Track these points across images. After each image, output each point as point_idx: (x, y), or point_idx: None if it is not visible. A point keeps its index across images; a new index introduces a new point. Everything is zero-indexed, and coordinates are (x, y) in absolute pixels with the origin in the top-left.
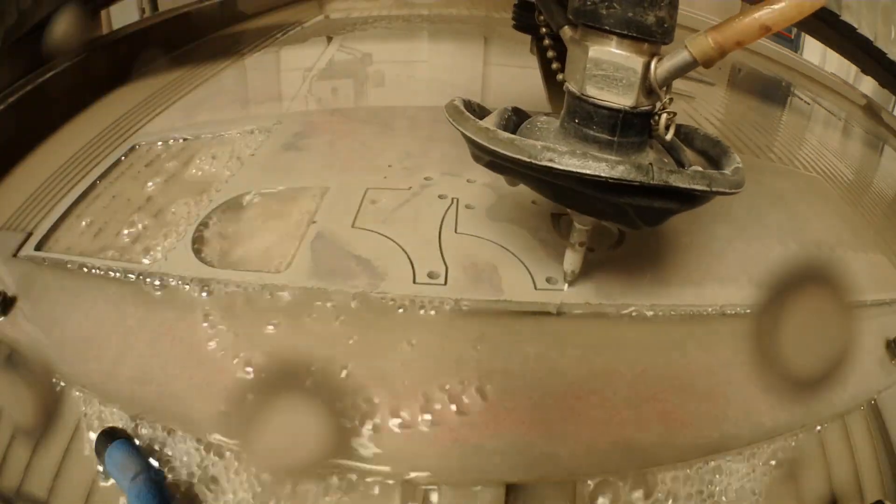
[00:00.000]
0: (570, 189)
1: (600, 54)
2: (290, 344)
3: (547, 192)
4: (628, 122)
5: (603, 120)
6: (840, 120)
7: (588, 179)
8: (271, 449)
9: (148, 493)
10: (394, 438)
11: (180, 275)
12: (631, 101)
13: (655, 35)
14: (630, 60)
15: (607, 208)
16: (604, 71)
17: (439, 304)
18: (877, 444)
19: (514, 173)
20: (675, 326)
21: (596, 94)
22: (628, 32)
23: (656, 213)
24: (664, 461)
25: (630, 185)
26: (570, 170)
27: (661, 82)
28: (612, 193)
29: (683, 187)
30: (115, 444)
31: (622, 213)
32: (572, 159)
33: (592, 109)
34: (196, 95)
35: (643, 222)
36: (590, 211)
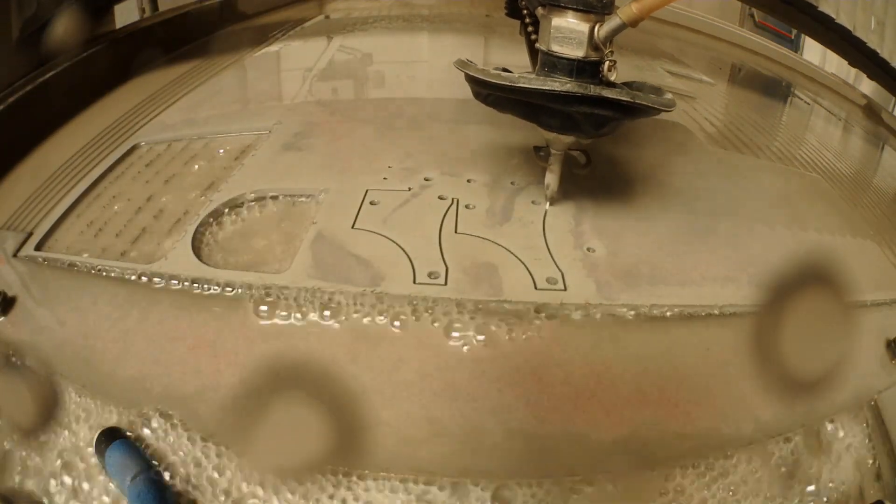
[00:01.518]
0: (539, 106)
1: (560, 22)
2: (290, 344)
3: (524, 113)
4: (581, 68)
5: (563, 67)
6: (840, 120)
7: (548, 93)
8: (271, 450)
9: (148, 493)
10: (394, 438)
11: (180, 275)
12: (581, 53)
13: (596, 8)
14: (580, 26)
15: (566, 120)
16: (562, 34)
17: (440, 304)
18: (877, 444)
19: (503, 101)
20: (675, 326)
21: (558, 49)
22: (579, 7)
23: (599, 119)
24: (664, 461)
25: (575, 96)
26: (536, 87)
27: (603, 40)
28: (567, 104)
29: (612, 97)
30: (115, 444)
31: (575, 121)
32: (538, 81)
33: (556, 60)
34: (196, 95)
35: (591, 127)
36: (554, 125)
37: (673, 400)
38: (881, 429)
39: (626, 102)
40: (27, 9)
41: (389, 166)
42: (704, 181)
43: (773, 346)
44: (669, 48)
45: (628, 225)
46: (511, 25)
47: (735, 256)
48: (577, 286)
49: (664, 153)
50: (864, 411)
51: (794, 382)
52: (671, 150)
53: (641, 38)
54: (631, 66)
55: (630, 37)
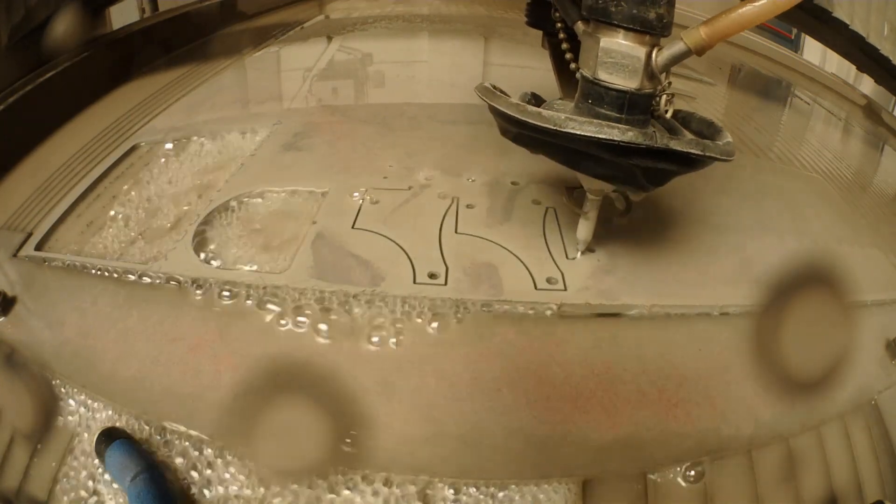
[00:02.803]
0: (586, 154)
1: (610, 45)
2: (290, 344)
3: (564, 159)
4: (633, 102)
5: (612, 100)
6: (840, 120)
7: (604, 143)
8: (272, 450)
9: (148, 493)
10: (394, 439)
11: (180, 274)
12: (636, 83)
13: (656, 28)
14: (635, 50)
15: (618, 171)
16: (613, 59)
17: (440, 304)
18: (877, 444)
19: (539, 143)
20: (675, 326)
21: (606, 77)
22: (633, 26)
23: (660, 173)
24: (664, 461)
25: (637, 147)
26: (589, 135)
27: (661, 68)
28: (623, 155)
29: (681, 150)
30: (115, 445)
31: (631, 174)
32: (591, 126)
33: (603, 91)
34: (196, 95)
35: (649, 182)
36: (603, 174)
37: (673, 400)
38: (881, 429)
39: (696, 156)
40: (15, 14)
41: (390, 165)
42: (704, 181)
43: (773, 347)
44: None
45: (628, 225)
46: (511, 26)
47: (735, 256)
48: (577, 286)
49: None
50: (864, 411)
51: (794, 383)
52: None
53: None
54: None
55: None
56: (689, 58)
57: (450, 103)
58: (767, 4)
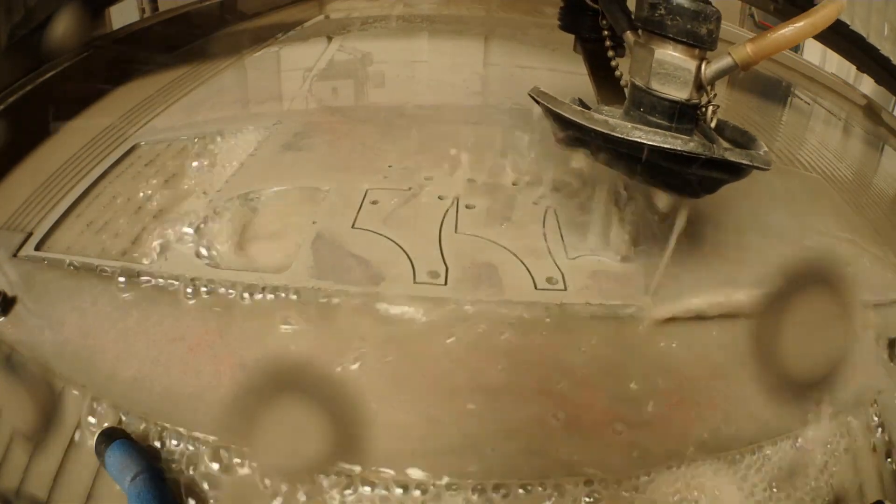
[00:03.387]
0: (646, 162)
1: (664, 56)
2: (290, 344)
3: (622, 166)
4: (683, 112)
5: (664, 109)
6: (840, 120)
7: (667, 152)
8: (272, 450)
9: (148, 493)
10: (393, 439)
11: (180, 275)
12: (686, 94)
13: (706, 43)
14: (686, 62)
15: (675, 179)
16: (666, 70)
17: (440, 304)
18: (877, 444)
19: (601, 149)
20: (675, 327)
21: (659, 87)
22: (686, 40)
23: (713, 182)
24: (664, 461)
25: (697, 157)
26: (655, 144)
27: (708, 81)
28: (684, 164)
29: (735, 161)
30: (115, 445)
31: (687, 182)
32: (657, 136)
33: (656, 101)
34: (196, 95)
35: (703, 190)
36: (658, 182)
37: (673, 400)
38: (881, 429)
39: (746, 166)
40: (15, 14)
41: (390, 165)
42: None
43: (774, 347)
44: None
45: (628, 226)
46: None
47: (735, 257)
48: (577, 286)
49: None
50: (864, 411)
51: (795, 383)
52: None
53: None
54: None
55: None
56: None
57: (450, 103)
58: (806, 26)
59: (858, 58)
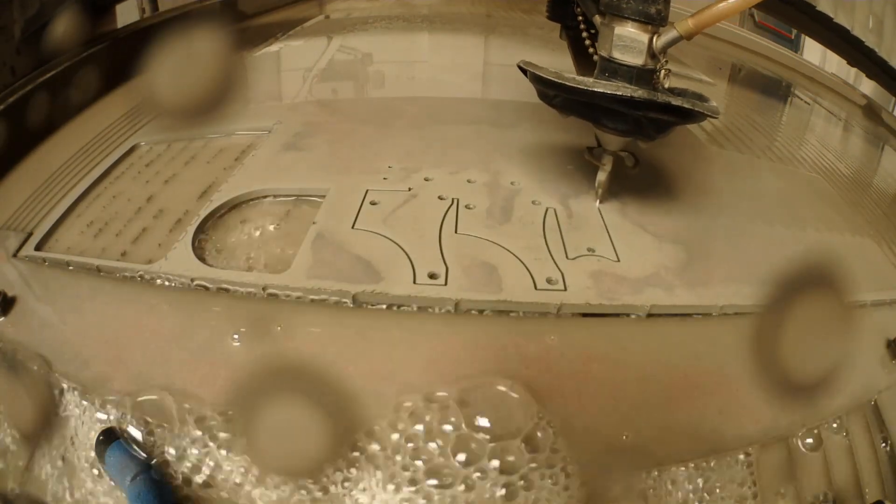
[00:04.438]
0: (607, 109)
1: (622, 31)
2: (290, 345)
3: (589, 116)
4: (640, 75)
5: (624, 73)
6: (840, 120)
7: (620, 99)
8: (272, 450)
9: (148, 493)
10: (393, 439)
11: (180, 275)
12: (641, 61)
13: (655, 20)
14: (640, 36)
15: (630, 123)
16: (624, 42)
17: (440, 304)
18: (877, 444)
19: (571, 103)
20: (675, 327)
21: (619, 56)
22: (639, 18)
23: (661, 123)
24: (664, 461)
25: (645, 101)
26: (613, 93)
27: (659, 50)
28: (634, 109)
29: (676, 104)
30: (115, 445)
31: (640, 125)
32: (613, 87)
33: (617, 67)
34: None
35: (654, 131)
36: (618, 127)
37: (673, 400)
38: (881, 429)
39: (688, 109)
40: (29, 8)
41: (390, 166)
42: (705, 181)
43: (774, 347)
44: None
45: (628, 225)
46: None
47: (735, 257)
48: (577, 286)
49: (664, 154)
50: (864, 411)
51: (794, 383)
52: (671, 151)
53: None
54: None
55: None
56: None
57: (450, 103)
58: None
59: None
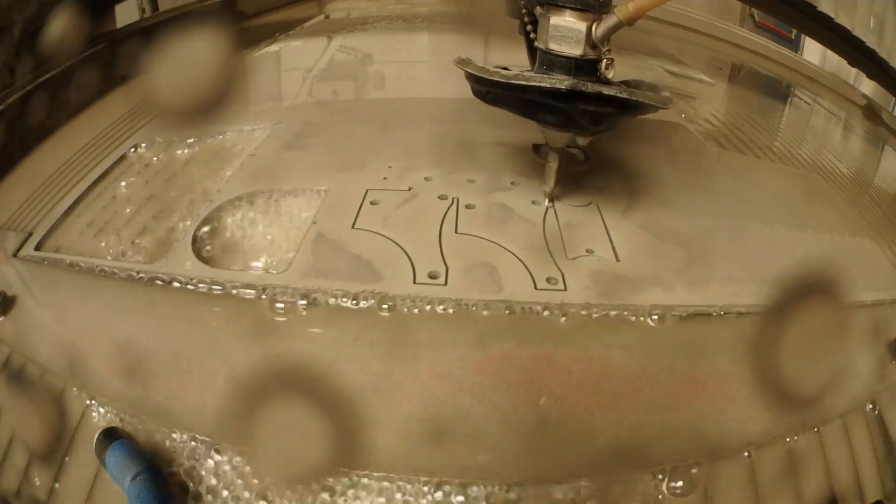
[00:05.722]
0: (537, 103)
1: (558, 21)
2: (290, 345)
3: (523, 111)
4: (579, 66)
5: (562, 65)
6: (840, 120)
7: (548, 90)
8: (273, 451)
9: (148, 493)
10: (393, 439)
11: (180, 275)
12: (579, 51)
13: (594, 7)
14: (577, 24)
15: (563, 116)
16: (560, 32)
17: (440, 304)
18: (877, 444)
19: (503, 98)
20: (675, 327)
21: (556, 47)
22: (576, 6)
23: (598, 115)
24: (664, 461)
25: (574, 92)
26: (536, 84)
27: (600, 38)
28: (565, 101)
29: (610, 94)
30: (115, 445)
31: (573, 118)
32: (537, 78)
33: (554, 58)
34: None
35: (589, 124)
36: (553, 121)
37: (673, 400)
38: (881, 429)
39: (623, 99)
40: (28, 9)
41: (390, 166)
42: (705, 181)
43: (774, 347)
44: (669, 48)
45: (628, 225)
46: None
47: (735, 257)
48: (577, 286)
49: (664, 154)
50: (864, 411)
51: (794, 382)
52: (671, 151)
53: (641, 39)
54: (631, 66)
55: (630, 37)
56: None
57: (450, 103)
58: None
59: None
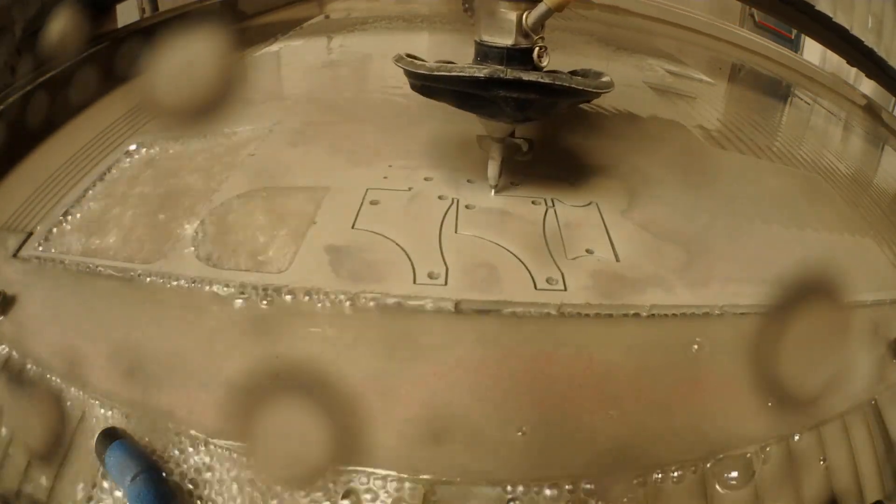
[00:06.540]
0: (465, 93)
1: (490, 12)
2: (290, 345)
3: (456, 102)
4: (511, 56)
5: (495, 55)
6: (840, 120)
7: (466, 79)
8: (273, 451)
9: (148, 493)
10: (393, 440)
11: (180, 274)
12: (511, 40)
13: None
14: (508, 14)
15: (488, 105)
16: (492, 22)
17: (440, 304)
18: (877, 444)
19: (434, 90)
20: (676, 327)
21: (488, 38)
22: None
23: (522, 102)
24: (664, 461)
25: (492, 80)
26: (453, 74)
27: (532, 27)
28: (486, 89)
29: (528, 80)
30: (115, 445)
31: (498, 105)
32: (456, 69)
33: (488, 49)
34: None
35: (514, 111)
36: (480, 111)
37: (673, 400)
38: (881, 429)
39: (544, 84)
40: (29, 8)
41: (390, 165)
42: (705, 181)
43: (774, 347)
44: (669, 48)
45: (628, 225)
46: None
47: (735, 257)
48: (577, 286)
49: (664, 154)
50: (864, 411)
51: (794, 382)
52: (671, 151)
53: (641, 39)
54: (630, 65)
55: (630, 37)
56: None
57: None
58: None
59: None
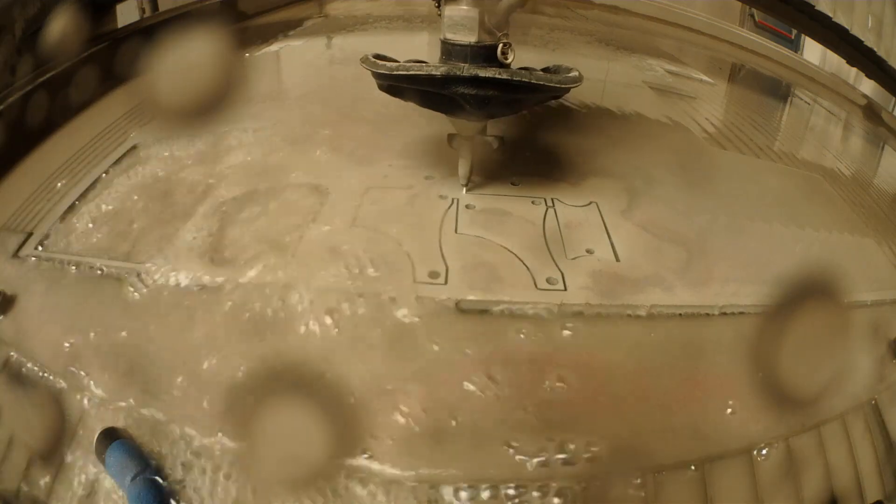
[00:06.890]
0: (427, 92)
1: (452, 11)
2: (290, 345)
3: (420, 101)
4: (475, 53)
5: (458, 53)
6: (840, 120)
7: (423, 78)
8: (272, 450)
9: (148, 493)
10: (393, 439)
11: (180, 274)
12: (474, 38)
13: None
14: (470, 12)
15: (449, 102)
16: (454, 21)
17: (440, 304)
18: (877, 444)
19: (397, 89)
20: (676, 326)
21: (452, 37)
22: None
23: (481, 98)
24: (664, 462)
25: (449, 77)
26: (412, 73)
27: (494, 24)
28: (442, 86)
29: (484, 76)
30: (115, 445)
31: (457, 103)
32: (415, 67)
33: (451, 47)
34: None
35: (475, 107)
36: (442, 108)
37: (673, 400)
38: (881, 429)
39: (501, 80)
40: (29, 8)
41: (390, 165)
42: (705, 181)
43: (774, 347)
44: (669, 48)
45: (628, 225)
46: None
47: (735, 257)
48: (577, 286)
49: (664, 154)
50: (864, 411)
51: (794, 382)
52: (671, 151)
53: (641, 39)
54: (630, 65)
55: (630, 36)
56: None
57: None
58: None
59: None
